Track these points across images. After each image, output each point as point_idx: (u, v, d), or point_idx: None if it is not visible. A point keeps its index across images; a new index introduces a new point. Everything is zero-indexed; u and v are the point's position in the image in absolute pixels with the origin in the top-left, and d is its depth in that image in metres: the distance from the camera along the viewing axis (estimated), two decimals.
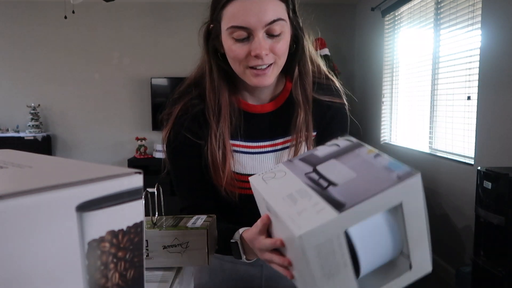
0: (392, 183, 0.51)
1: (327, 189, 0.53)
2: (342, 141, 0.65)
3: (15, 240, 0.26)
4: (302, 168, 0.61)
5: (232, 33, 0.82)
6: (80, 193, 0.30)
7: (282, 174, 0.63)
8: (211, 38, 0.90)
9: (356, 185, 0.52)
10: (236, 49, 0.83)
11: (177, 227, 0.71)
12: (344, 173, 0.55)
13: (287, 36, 0.85)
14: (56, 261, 0.29)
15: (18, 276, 0.27)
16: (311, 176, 0.58)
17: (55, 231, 0.29)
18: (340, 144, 0.64)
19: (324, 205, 0.51)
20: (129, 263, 0.34)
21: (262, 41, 0.81)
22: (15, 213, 0.26)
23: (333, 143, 0.64)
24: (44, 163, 0.38)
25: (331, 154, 0.62)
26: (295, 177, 0.59)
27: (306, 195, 0.54)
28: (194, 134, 0.91)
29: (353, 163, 0.57)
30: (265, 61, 0.83)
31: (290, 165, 0.64)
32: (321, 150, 0.65)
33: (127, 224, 0.34)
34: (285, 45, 0.85)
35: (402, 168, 0.53)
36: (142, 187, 0.35)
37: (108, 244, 0.32)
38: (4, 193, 0.26)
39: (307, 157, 0.65)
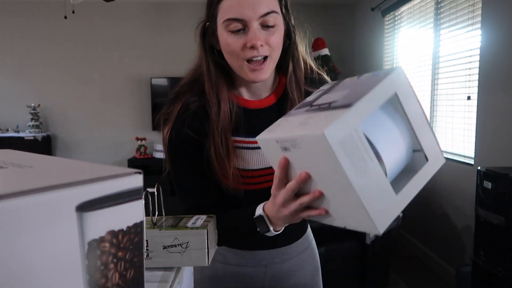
0: (381, 79, 0.58)
1: (330, 105, 0.59)
2: (325, 86, 0.73)
3: (15, 240, 0.26)
4: (301, 110, 0.67)
5: (227, 26, 0.85)
6: (80, 193, 0.30)
7: (285, 120, 0.67)
8: (207, 35, 0.92)
9: (353, 93, 0.58)
10: (232, 42, 0.85)
11: (177, 227, 0.71)
12: (339, 94, 0.62)
13: (280, 29, 0.88)
14: (56, 261, 0.29)
15: (18, 276, 0.27)
16: (312, 108, 0.64)
17: (55, 231, 0.29)
18: (324, 88, 0.73)
19: (333, 111, 0.56)
20: (129, 263, 0.34)
21: (257, 31, 0.84)
22: (15, 213, 0.26)
23: (318, 90, 0.71)
24: (44, 163, 0.38)
25: (321, 94, 0.69)
26: (299, 115, 0.64)
27: (315, 116, 0.59)
28: (196, 131, 0.91)
29: (342, 88, 0.65)
30: (261, 52, 0.85)
31: (289, 114, 0.71)
32: (310, 97, 0.72)
33: (127, 224, 0.34)
34: (279, 38, 0.88)
35: (384, 70, 0.61)
36: (142, 187, 0.35)
37: (108, 244, 0.32)
38: (4, 193, 0.26)
39: (301, 105, 0.71)
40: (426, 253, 3.22)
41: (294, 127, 0.61)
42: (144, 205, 0.37)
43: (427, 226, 3.19)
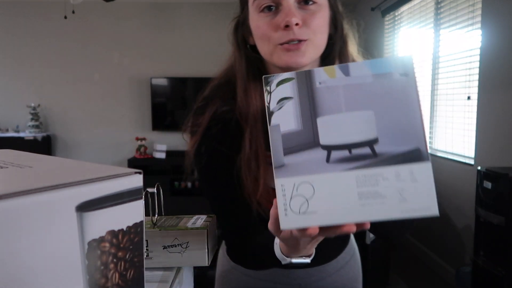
0: (408, 90, 0.49)
1: (377, 155, 0.49)
2: (282, 102, 0.54)
3: (15, 240, 0.26)
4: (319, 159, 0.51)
5: (259, 6, 0.73)
6: (80, 193, 0.30)
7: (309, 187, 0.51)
8: (239, 27, 0.81)
9: (393, 123, 0.49)
10: (263, 23, 0.73)
11: (177, 227, 0.71)
12: (360, 122, 0.50)
13: (324, 9, 0.74)
14: (56, 261, 0.29)
15: (18, 275, 0.27)
16: (340, 156, 0.50)
17: (55, 231, 0.29)
18: (287, 101, 0.53)
19: (402, 169, 0.48)
20: (129, 263, 0.34)
21: (292, 7, 0.71)
22: (15, 213, 0.26)
23: (280, 101, 0.53)
24: (44, 163, 0.38)
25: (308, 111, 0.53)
26: (336, 171, 0.50)
27: (376, 180, 0.48)
28: (227, 146, 0.79)
29: (338, 100, 0.51)
30: (297, 34, 0.70)
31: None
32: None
33: (127, 224, 0.34)
34: (321, 19, 0.73)
35: (389, 60, 0.51)
36: (142, 187, 0.35)
37: (108, 244, 0.32)
38: (4, 193, 0.26)
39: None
40: (426, 253, 3.22)
41: (350, 201, 0.48)
42: (144, 205, 0.37)
43: (427, 226, 3.19)
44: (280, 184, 0.50)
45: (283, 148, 0.50)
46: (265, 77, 0.52)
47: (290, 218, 0.49)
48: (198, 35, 4.64)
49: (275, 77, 0.52)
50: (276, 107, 0.52)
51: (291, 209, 0.49)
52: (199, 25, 4.64)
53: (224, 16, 3.89)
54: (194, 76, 4.64)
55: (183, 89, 4.80)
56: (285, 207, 0.49)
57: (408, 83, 0.49)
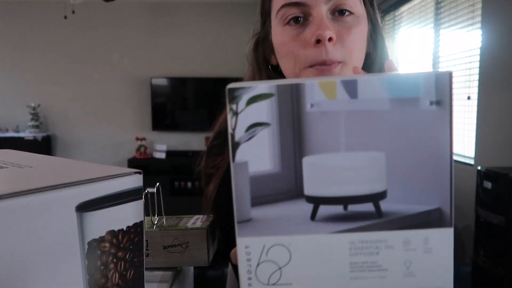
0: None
1: (380, 215, 0.36)
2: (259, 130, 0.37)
3: (15, 240, 0.26)
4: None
5: (284, 18, 0.61)
6: (80, 193, 0.30)
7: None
8: (259, 45, 0.70)
9: (411, 171, 0.35)
10: (289, 40, 0.61)
11: (177, 227, 0.71)
12: (365, 167, 0.36)
13: (362, 23, 0.62)
14: (56, 261, 0.29)
15: (18, 275, 0.27)
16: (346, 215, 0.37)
17: (55, 231, 0.29)
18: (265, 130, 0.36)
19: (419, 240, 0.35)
20: (129, 263, 0.34)
21: (324, 18, 0.58)
22: (15, 213, 0.26)
23: (251, 128, 0.36)
24: (44, 163, 0.38)
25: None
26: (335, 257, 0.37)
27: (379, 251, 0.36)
28: None
29: (336, 133, 0.36)
30: (330, 52, 0.58)
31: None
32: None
33: (127, 224, 0.34)
34: (359, 35, 0.61)
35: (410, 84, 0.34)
36: (142, 187, 0.35)
37: (108, 244, 0.33)
38: (4, 193, 0.26)
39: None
40: None
41: (339, 273, 0.37)
42: (144, 205, 0.37)
43: None
44: (244, 245, 0.37)
45: (250, 197, 0.37)
46: (230, 88, 0.34)
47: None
48: (198, 35, 4.64)
49: (245, 91, 0.34)
50: (244, 136, 0.35)
51: (257, 278, 0.37)
52: (199, 25, 4.64)
53: (224, 16, 3.91)
54: (194, 76, 4.64)
55: (183, 89, 4.80)
56: (249, 276, 0.37)
57: (440, 116, 0.34)
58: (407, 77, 0.34)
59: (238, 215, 0.37)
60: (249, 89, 0.35)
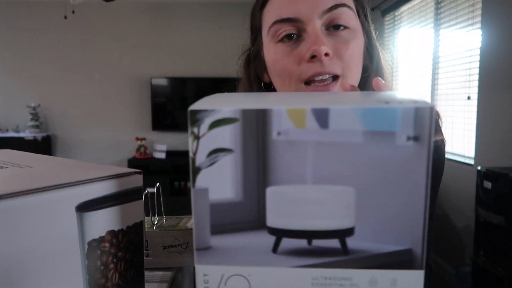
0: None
1: (347, 252, 0.35)
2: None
3: (15, 239, 0.26)
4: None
5: (276, 35, 0.59)
6: (80, 193, 0.30)
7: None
8: (251, 62, 0.68)
9: (381, 209, 0.33)
10: (282, 57, 0.58)
11: (177, 227, 0.71)
12: (333, 201, 0.35)
13: (358, 37, 0.60)
14: (56, 261, 0.29)
15: (18, 275, 0.27)
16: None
17: (55, 231, 0.29)
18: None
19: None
20: (129, 263, 0.34)
21: (319, 33, 0.56)
22: (15, 213, 0.26)
23: (213, 154, 0.34)
24: (44, 163, 0.38)
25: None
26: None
27: None
28: None
29: (303, 164, 0.34)
30: (326, 66, 0.55)
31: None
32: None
33: (127, 224, 0.34)
34: (356, 49, 0.59)
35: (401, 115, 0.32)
36: (142, 187, 0.35)
37: (108, 244, 0.33)
38: (4, 193, 0.26)
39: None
40: None
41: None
42: (144, 205, 0.37)
43: None
44: (202, 273, 0.35)
45: (210, 224, 0.35)
46: (192, 110, 0.32)
47: None
48: (198, 35, 4.64)
49: (208, 114, 0.32)
50: (205, 161, 0.34)
51: None
52: (199, 25, 4.64)
53: (224, 16, 3.91)
54: (194, 76, 4.64)
55: (183, 89, 4.80)
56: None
57: (416, 152, 0.32)
58: (384, 110, 0.32)
59: (197, 242, 0.35)
60: (212, 112, 0.33)
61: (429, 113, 0.31)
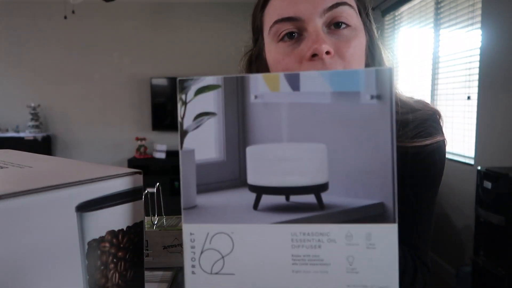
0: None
1: (322, 207, 0.36)
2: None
3: (15, 239, 0.26)
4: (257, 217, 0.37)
5: (277, 34, 0.59)
6: (80, 193, 0.30)
7: None
8: (253, 63, 0.68)
9: (352, 164, 0.36)
10: (284, 56, 0.58)
11: (177, 227, 0.71)
12: (306, 158, 0.37)
13: (360, 35, 0.60)
14: (56, 261, 0.29)
15: (19, 275, 0.27)
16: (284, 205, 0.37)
17: (55, 231, 0.29)
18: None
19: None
20: (129, 263, 0.34)
21: (320, 32, 0.56)
22: (15, 213, 0.26)
23: (199, 118, 0.37)
24: (44, 163, 0.38)
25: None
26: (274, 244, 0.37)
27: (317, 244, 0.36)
28: None
29: (278, 124, 0.37)
30: (328, 65, 0.55)
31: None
32: None
33: (127, 224, 0.34)
34: (358, 48, 0.59)
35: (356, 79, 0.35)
36: (142, 187, 0.35)
37: (108, 244, 0.33)
38: (4, 193, 0.26)
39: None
40: None
41: (280, 265, 0.39)
42: (144, 205, 0.37)
43: None
44: (189, 232, 0.37)
45: (196, 184, 0.37)
46: (181, 79, 0.37)
47: (199, 278, 0.37)
48: (197, 35, 4.64)
49: (194, 82, 0.37)
50: (191, 124, 0.37)
51: (200, 266, 0.37)
52: (199, 25, 4.64)
53: (224, 16, 3.91)
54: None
55: None
56: (193, 263, 0.38)
57: (380, 110, 0.34)
58: (348, 72, 0.35)
59: (184, 201, 0.37)
60: (198, 80, 0.37)
61: (389, 73, 0.34)
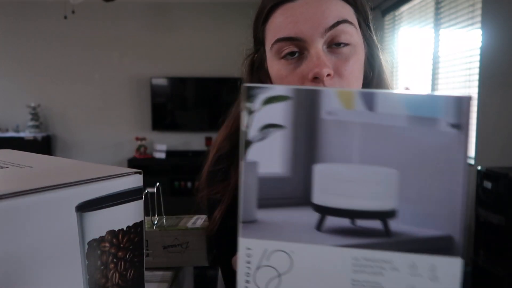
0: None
1: (389, 234, 0.35)
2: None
3: (15, 239, 0.26)
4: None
5: (279, 52, 0.60)
6: (80, 193, 0.30)
7: None
8: (255, 71, 0.69)
9: (423, 193, 0.34)
10: (286, 74, 0.59)
11: (177, 227, 0.71)
12: (376, 182, 0.35)
13: (359, 52, 0.61)
14: (56, 261, 0.29)
15: (19, 275, 0.27)
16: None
17: (55, 231, 0.29)
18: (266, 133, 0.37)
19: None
20: (129, 263, 0.34)
21: (321, 54, 0.57)
22: (15, 212, 0.26)
23: (265, 129, 0.36)
24: (44, 163, 0.38)
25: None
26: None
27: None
28: None
29: (350, 144, 0.35)
30: (328, 86, 0.57)
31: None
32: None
33: (127, 224, 0.34)
34: (357, 65, 0.60)
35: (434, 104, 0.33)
36: (142, 187, 0.35)
37: (108, 244, 0.33)
38: (4, 193, 0.26)
39: None
40: None
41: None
42: (144, 205, 0.37)
43: None
44: (246, 247, 0.36)
45: (257, 198, 0.35)
46: (248, 87, 0.34)
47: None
48: (198, 35, 4.64)
49: (262, 91, 0.35)
50: (257, 135, 0.35)
51: (255, 282, 0.36)
52: (199, 25, 4.64)
53: (224, 16, 3.90)
54: (194, 76, 4.64)
55: (183, 89, 4.80)
56: (247, 279, 0.36)
57: (457, 140, 0.33)
58: (427, 97, 0.34)
59: (244, 215, 0.36)
60: (266, 89, 0.35)
61: (468, 102, 0.33)
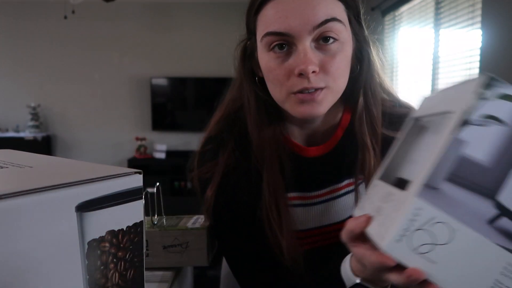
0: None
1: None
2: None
3: (15, 239, 0.27)
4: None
5: (268, 44, 0.62)
6: (80, 193, 0.30)
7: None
8: (246, 58, 0.70)
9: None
10: (275, 67, 0.62)
11: (177, 227, 0.71)
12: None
13: (346, 48, 0.62)
14: (56, 261, 0.29)
15: (18, 275, 0.27)
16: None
17: (55, 231, 0.29)
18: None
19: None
20: (129, 263, 0.34)
21: (308, 51, 0.59)
22: (16, 212, 0.26)
23: (487, 119, 0.38)
24: (44, 163, 0.38)
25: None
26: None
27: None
28: (248, 195, 0.69)
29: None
30: (313, 83, 0.60)
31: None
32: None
33: (127, 224, 0.34)
34: (343, 62, 0.62)
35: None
36: (142, 187, 0.35)
37: (108, 244, 0.33)
38: (4, 193, 0.26)
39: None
40: None
41: (481, 282, 0.39)
42: (144, 205, 0.37)
43: None
44: (417, 207, 0.37)
45: (450, 172, 0.37)
46: (492, 77, 0.38)
47: (401, 247, 0.37)
48: (198, 35, 4.64)
49: (504, 86, 0.38)
50: (478, 120, 0.37)
51: (409, 239, 0.37)
52: (199, 25, 4.64)
53: (224, 16, 3.90)
54: (194, 76, 4.64)
55: (183, 89, 4.80)
56: (403, 233, 0.37)
57: None
58: None
59: (429, 179, 0.37)
60: (507, 87, 0.38)
61: None
